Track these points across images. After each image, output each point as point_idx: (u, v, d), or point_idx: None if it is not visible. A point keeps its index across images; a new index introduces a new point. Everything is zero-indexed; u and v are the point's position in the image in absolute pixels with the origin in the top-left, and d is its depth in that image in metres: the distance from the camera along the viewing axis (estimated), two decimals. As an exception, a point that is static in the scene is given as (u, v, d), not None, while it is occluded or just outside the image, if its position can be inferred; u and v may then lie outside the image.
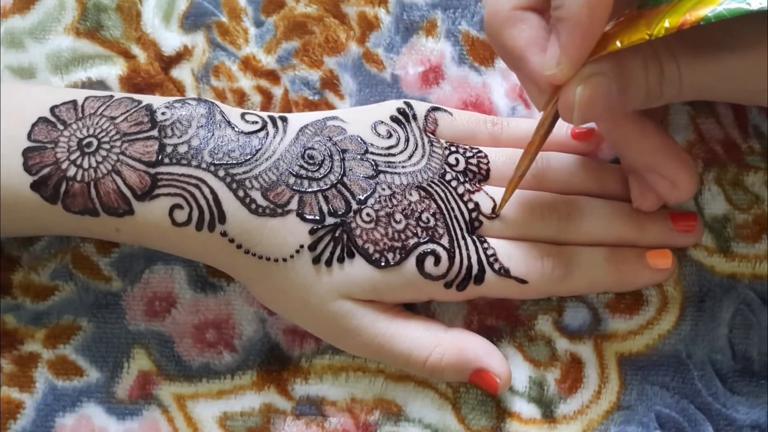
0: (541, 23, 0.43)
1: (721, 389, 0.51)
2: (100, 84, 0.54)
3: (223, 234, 0.47)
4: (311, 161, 0.48)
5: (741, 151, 0.53)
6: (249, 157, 0.47)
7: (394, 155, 0.49)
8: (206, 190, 0.46)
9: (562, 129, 0.52)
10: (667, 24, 0.38)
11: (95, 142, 0.47)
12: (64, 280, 0.53)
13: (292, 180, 0.47)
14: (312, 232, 0.47)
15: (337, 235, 0.47)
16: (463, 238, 0.48)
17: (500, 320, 0.52)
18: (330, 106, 0.54)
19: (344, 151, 0.49)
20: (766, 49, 0.39)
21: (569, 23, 0.39)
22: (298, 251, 0.47)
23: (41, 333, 0.52)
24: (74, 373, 0.52)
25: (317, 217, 0.47)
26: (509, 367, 0.49)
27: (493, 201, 0.49)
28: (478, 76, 0.54)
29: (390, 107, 0.51)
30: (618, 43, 0.39)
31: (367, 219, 0.47)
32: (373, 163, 0.49)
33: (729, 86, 0.41)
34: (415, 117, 0.51)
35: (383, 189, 0.48)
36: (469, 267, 0.48)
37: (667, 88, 0.41)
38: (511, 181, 0.48)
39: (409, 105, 0.51)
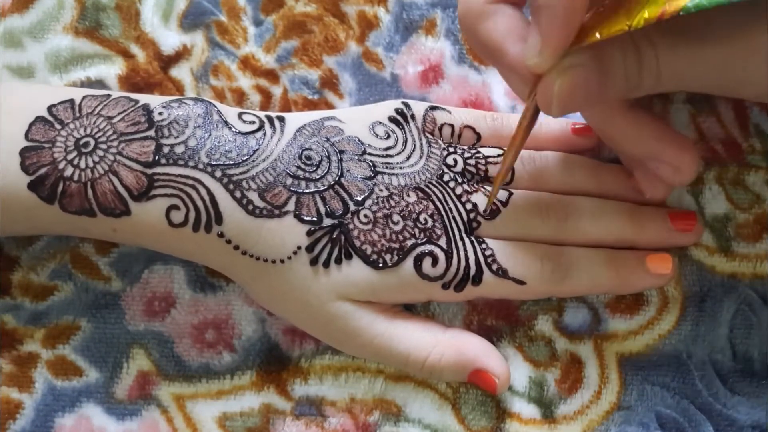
0: (516, 14, 0.43)
1: (721, 389, 0.51)
2: (99, 83, 0.54)
3: (220, 235, 0.46)
4: (309, 162, 0.48)
5: (742, 150, 0.52)
6: (246, 157, 0.47)
7: (392, 156, 0.49)
8: (203, 191, 0.46)
9: (562, 125, 0.52)
10: (646, 15, 0.37)
11: (92, 142, 0.47)
12: (64, 280, 0.53)
13: (289, 181, 0.47)
14: (309, 233, 0.47)
15: (334, 236, 0.47)
16: (461, 238, 0.48)
17: (500, 320, 0.52)
18: (329, 106, 0.54)
19: (342, 151, 0.48)
20: (744, 40, 0.39)
21: (549, 11, 0.39)
22: (295, 252, 0.47)
23: (40, 333, 0.52)
24: (73, 373, 0.52)
25: (315, 219, 0.47)
26: (508, 366, 0.49)
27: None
28: (477, 75, 0.54)
29: (388, 107, 0.51)
30: (597, 35, 0.39)
31: (364, 220, 0.47)
32: (370, 164, 0.48)
33: (707, 76, 0.41)
34: (413, 117, 0.51)
35: (381, 190, 0.48)
36: (467, 268, 0.48)
37: (646, 76, 0.41)
38: (497, 176, 0.48)
39: (407, 105, 0.51)
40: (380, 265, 0.47)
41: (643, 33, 0.40)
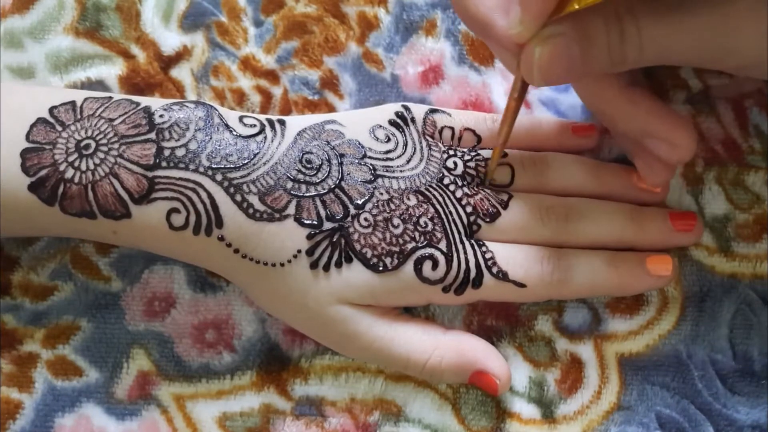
0: None
1: (721, 389, 0.51)
2: (100, 84, 0.54)
3: (221, 239, 0.46)
4: (309, 165, 0.48)
5: (741, 150, 0.52)
6: (247, 161, 0.47)
7: (392, 159, 0.49)
8: (203, 194, 0.46)
9: (562, 126, 0.52)
10: None
11: (93, 144, 0.46)
12: (64, 280, 0.53)
13: (289, 184, 0.47)
14: (310, 236, 0.47)
15: (335, 239, 0.47)
16: (461, 242, 0.48)
17: (500, 321, 0.52)
18: (330, 106, 0.54)
19: (342, 155, 0.48)
20: (725, 7, 0.39)
21: None
22: (295, 256, 0.47)
23: (40, 333, 0.52)
24: (73, 373, 0.52)
25: (315, 222, 0.47)
26: (508, 367, 0.49)
27: (491, 204, 0.49)
28: (477, 76, 0.54)
29: (388, 111, 0.51)
30: (576, 5, 0.39)
31: (365, 224, 0.47)
32: (371, 167, 0.48)
33: (690, 47, 0.41)
34: (413, 120, 0.51)
35: (381, 193, 0.48)
36: (467, 271, 0.48)
37: (629, 49, 0.41)
38: (494, 150, 0.49)
39: (407, 108, 0.51)
40: (380, 268, 0.47)
41: (625, 5, 0.40)
